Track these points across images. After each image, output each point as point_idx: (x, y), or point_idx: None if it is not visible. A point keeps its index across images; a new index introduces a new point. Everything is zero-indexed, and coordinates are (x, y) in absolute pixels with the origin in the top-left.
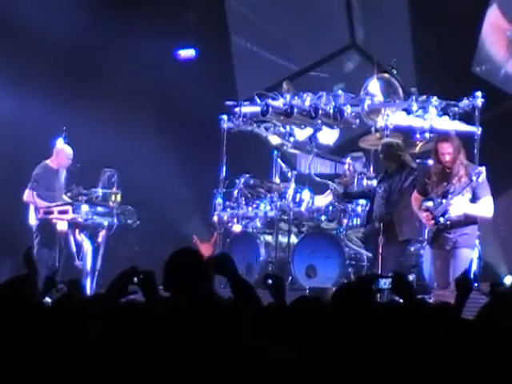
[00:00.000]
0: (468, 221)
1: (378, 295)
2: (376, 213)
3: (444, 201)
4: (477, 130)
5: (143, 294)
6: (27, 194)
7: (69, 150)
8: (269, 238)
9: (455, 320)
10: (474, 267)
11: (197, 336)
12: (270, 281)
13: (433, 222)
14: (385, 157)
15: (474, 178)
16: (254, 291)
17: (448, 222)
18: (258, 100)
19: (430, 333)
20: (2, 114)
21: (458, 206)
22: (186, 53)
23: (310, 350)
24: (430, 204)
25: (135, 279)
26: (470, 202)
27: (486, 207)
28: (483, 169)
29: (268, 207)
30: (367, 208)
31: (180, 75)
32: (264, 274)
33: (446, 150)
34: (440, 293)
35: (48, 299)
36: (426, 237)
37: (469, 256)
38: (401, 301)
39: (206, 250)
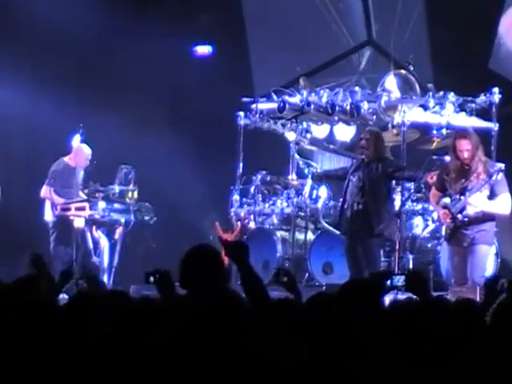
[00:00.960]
0: (486, 217)
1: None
2: (348, 202)
3: (462, 198)
4: (494, 126)
5: (160, 294)
6: (44, 190)
7: (88, 151)
8: (285, 234)
9: (474, 318)
10: (492, 265)
11: (215, 333)
12: (282, 276)
13: (451, 218)
14: (372, 144)
15: (494, 176)
16: (264, 288)
17: (466, 219)
18: (274, 97)
19: (444, 331)
20: (17, 112)
21: (476, 203)
22: (203, 49)
23: (324, 349)
24: (447, 201)
25: (151, 278)
26: (487, 198)
27: (503, 204)
28: (502, 166)
29: (285, 204)
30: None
31: (196, 72)
32: (274, 271)
33: (465, 146)
34: (457, 289)
35: (65, 296)
36: (443, 233)
37: (486, 252)
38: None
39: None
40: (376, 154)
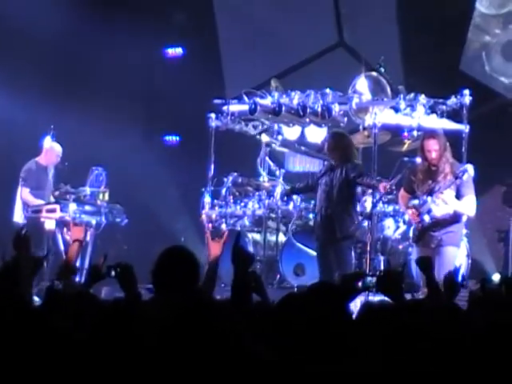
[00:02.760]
0: (453, 219)
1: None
2: (318, 207)
3: (429, 198)
4: (465, 128)
5: (121, 287)
6: (22, 192)
7: (58, 148)
8: (257, 236)
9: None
10: (462, 266)
11: (190, 334)
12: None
13: (418, 219)
14: (335, 147)
15: (461, 175)
16: (250, 296)
17: (433, 220)
18: (246, 98)
19: (424, 331)
20: None
21: (445, 198)
22: (174, 51)
23: (299, 349)
24: (415, 202)
25: (113, 272)
26: None
27: (468, 205)
28: (468, 167)
29: (256, 205)
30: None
31: (168, 73)
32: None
33: (433, 146)
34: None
35: (36, 298)
36: (411, 235)
37: (454, 254)
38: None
39: (215, 248)
40: (339, 156)
